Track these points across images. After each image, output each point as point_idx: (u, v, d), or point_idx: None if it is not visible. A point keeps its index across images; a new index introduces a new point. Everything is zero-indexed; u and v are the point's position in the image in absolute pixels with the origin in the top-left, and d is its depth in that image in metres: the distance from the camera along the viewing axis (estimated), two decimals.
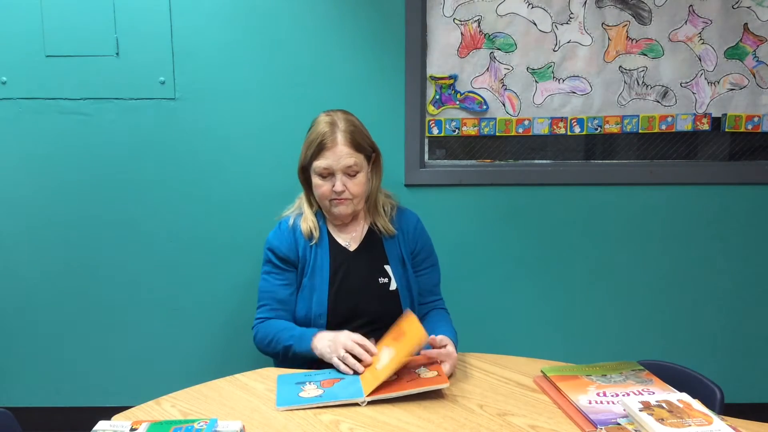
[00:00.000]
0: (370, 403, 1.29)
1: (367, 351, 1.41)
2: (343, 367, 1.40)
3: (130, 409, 1.27)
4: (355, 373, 1.39)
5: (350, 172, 1.61)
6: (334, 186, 1.60)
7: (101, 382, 2.34)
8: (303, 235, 1.67)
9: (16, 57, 2.14)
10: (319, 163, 1.60)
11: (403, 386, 1.31)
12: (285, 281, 1.66)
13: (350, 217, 1.68)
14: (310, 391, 1.33)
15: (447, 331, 1.55)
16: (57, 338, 2.31)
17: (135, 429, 1.13)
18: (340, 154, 1.59)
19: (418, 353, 1.41)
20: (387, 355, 1.38)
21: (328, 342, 1.47)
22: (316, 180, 1.63)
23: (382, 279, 1.67)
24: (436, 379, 1.34)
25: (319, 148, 1.60)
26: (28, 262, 2.27)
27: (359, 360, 1.41)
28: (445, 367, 1.39)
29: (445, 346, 1.40)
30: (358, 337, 1.44)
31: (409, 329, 1.40)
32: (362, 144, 1.64)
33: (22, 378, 2.34)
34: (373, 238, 1.71)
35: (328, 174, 1.61)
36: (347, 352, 1.42)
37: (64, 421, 2.35)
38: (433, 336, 1.41)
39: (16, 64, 2.14)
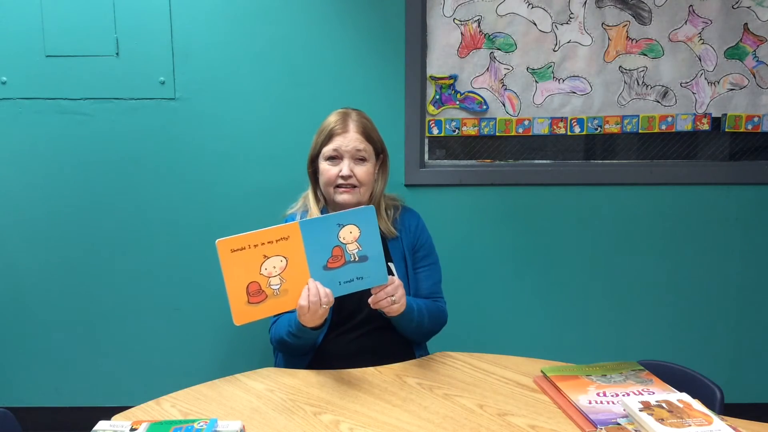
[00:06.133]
0: (367, 403, 1.29)
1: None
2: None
3: (130, 409, 1.27)
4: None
5: (358, 157, 1.62)
6: (341, 171, 1.61)
7: (101, 382, 2.34)
8: None
9: (16, 57, 2.14)
10: (329, 147, 1.62)
11: None
12: None
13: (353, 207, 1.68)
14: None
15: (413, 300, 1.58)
16: (57, 338, 2.31)
17: (135, 429, 1.13)
18: (351, 138, 1.62)
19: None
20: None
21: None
22: (323, 165, 1.64)
23: None
24: None
25: (330, 134, 1.62)
26: (29, 263, 2.27)
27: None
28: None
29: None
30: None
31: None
32: (372, 136, 1.66)
33: (22, 378, 2.34)
34: None
35: (336, 157, 1.62)
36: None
37: (64, 421, 2.35)
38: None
39: (16, 64, 2.14)
